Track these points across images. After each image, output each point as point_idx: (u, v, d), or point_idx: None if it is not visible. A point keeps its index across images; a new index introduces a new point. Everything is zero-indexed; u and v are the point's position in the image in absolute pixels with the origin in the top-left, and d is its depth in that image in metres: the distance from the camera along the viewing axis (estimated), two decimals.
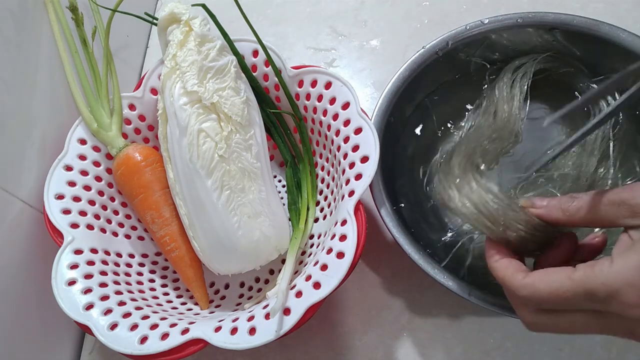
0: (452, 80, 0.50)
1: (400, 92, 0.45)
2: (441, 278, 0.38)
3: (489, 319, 0.45)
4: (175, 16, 0.42)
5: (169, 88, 0.41)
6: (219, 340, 0.35)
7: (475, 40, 0.46)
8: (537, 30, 0.45)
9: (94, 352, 0.48)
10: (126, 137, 0.47)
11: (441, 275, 0.38)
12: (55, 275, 0.39)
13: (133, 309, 0.39)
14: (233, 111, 0.40)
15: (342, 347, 0.46)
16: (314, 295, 0.34)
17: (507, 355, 0.43)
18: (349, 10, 0.64)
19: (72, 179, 0.44)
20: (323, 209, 0.45)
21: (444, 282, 0.38)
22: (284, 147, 0.49)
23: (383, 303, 0.47)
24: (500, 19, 0.45)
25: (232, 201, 0.40)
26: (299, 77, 0.44)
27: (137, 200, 0.44)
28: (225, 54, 0.42)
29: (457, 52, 0.47)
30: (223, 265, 0.42)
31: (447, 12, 0.61)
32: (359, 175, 0.39)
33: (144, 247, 0.48)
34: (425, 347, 0.44)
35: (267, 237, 0.41)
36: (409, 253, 0.39)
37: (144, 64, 0.65)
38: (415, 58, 0.46)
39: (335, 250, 0.36)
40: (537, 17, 0.44)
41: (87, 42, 0.47)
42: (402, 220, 0.42)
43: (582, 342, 0.43)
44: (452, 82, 0.50)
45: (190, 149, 0.39)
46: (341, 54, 0.61)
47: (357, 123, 0.40)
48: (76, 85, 0.46)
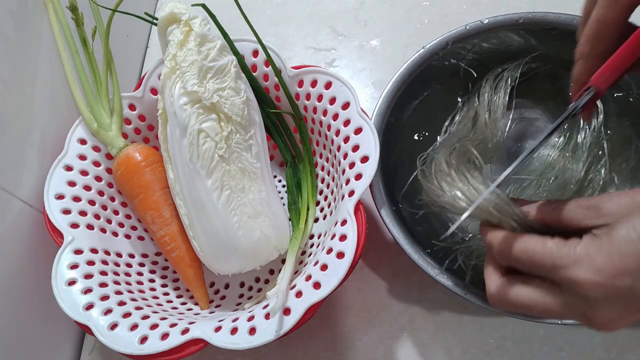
0: (450, 81, 0.50)
1: (400, 92, 0.45)
2: (441, 278, 0.38)
3: (489, 319, 0.45)
4: (175, 16, 0.42)
5: (169, 88, 0.41)
6: (219, 340, 0.35)
7: (476, 38, 0.46)
8: (538, 31, 0.45)
9: (94, 352, 0.48)
10: (126, 137, 0.47)
11: (441, 275, 0.39)
12: (55, 275, 0.39)
13: (133, 308, 0.39)
14: (233, 111, 0.40)
15: (342, 347, 0.46)
16: (314, 295, 0.35)
17: (507, 355, 0.43)
18: (349, 10, 0.64)
19: (72, 179, 0.44)
20: (323, 209, 0.45)
21: (443, 282, 0.38)
22: (284, 147, 0.49)
23: (383, 303, 0.47)
24: (500, 19, 0.45)
25: (232, 201, 0.40)
26: (299, 77, 0.44)
27: (137, 200, 0.44)
28: (225, 54, 0.42)
29: (457, 51, 0.47)
30: (223, 265, 0.42)
31: (447, 12, 0.61)
32: (359, 175, 0.39)
33: (144, 247, 0.48)
34: (425, 347, 0.44)
35: (267, 237, 0.41)
36: (409, 253, 0.39)
37: (144, 64, 0.65)
38: (414, 58, 0.46)
39: (335, 250, 0.36)
40: (537, 17, 0.44)
41: (87, 42, 0.47)
42: (402, 220, 0.42)
43: (582, 342, 0.43)
44: (451, 83, 0.50)
45: (190, 149, 0.39)
46: (341, 54, 0.61)
47: (357, 123, 0.40)
48: (76, 85, 0.46)
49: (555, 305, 0.27)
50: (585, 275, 0.25)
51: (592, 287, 0.24)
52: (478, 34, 0.45)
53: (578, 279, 0.25)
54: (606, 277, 0.24)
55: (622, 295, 0.24)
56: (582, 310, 0.26)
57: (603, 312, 0.25)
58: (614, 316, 0.25)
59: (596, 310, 0.25)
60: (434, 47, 0.46)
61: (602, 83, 0.30)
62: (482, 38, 0.46)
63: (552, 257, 0.26)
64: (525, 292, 0.28)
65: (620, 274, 0.24)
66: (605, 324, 0.25)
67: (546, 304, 0.27)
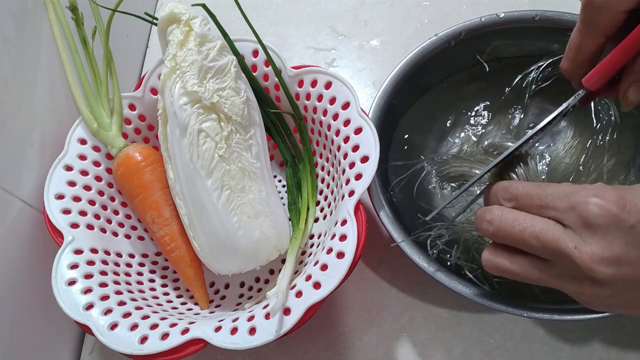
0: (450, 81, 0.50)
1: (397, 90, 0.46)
2: (441, 278, 0.38)
3: (489, 319, 0.45)
4: (175, 16, 0.42)
5: (169, 88, 0.41)
6: (219, 340, 0.35)
7: (492, 36, 0.46)
8: (554, 32, 0.44)
9: (94, 352, 0.48)
10: (126, 137, 0.47)
11: (441, 275, 0.39)
12: (55, 275, 0.39)
13: (133, 308, 0.39)
14: (233, 111, 0.40)
15: (342, 347, 0.46)
16: (314, 295, 0.34)
17: (507, 355, 0.43)
18: (349, 10, 0.64)
19: (72, 179, 0.44)
20: (323, 209, 0.45)
21: (443, 282, 0.38)
22: (284, 147, 0.49)
23: (383, 303, 0.47)
24: (517, 14, 0.44)
25: (232, 201, 0.40)
26: (299, 77, 0.44)
27: (137, 200, 0.44)
28: (225, 53, 0.42)
29: (456, 51, 0.47)
30: (223, 265, 0.42)
31: (447, 12, 0.61)
32: (359, 175, 0.39)
33: (144, 247, 0.48)
34: (425, 347, 0.44)
35: (267, 237, 0.41)
36: (408, 254, 0.39)
37: (144, 64, 0.65)
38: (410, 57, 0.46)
39: (335, 250, 0.36)
40: (554, 17, 0.43)
41: (87, 42, 0.47)
42: (402, 220, 0.42)
43: (582, 343, 0.43)
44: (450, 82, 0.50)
45: (190, 149, 0.39)
46: (341, 54, 0.61)
47: (357, 123, 0.40)
48: (76, 85, 0.46)
49: (545, 272, 0.28)
50: (595, 199, 0.25)
51: (599, 210, 0.25)
52: (492, 29, 0.45)
53: (589, 200, 0.25)
54: (615, 206, 0.25)
55: (623, 230, 0.25)
56: (573, 246, 0.26)
57: (596, 248, 0.25)
58: (604, 255, 0.25)
59: (589, 245, 0.25)
60: (447, 35, 0.45)
61: (592, 85, 0.31)
62: (498, 36, 0.45)
63: (564, 190, 0.27)
64: (519, 261, 0.29)
65: (628, 211, 0.25)
66: (593, 261, 0.25)
67: (539, 270, 0.29)
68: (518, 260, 0.29)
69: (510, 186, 0.30)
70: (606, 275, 0.25)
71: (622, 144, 0.44)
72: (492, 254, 0.31)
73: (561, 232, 0.27)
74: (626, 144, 0.44)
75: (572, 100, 0.32)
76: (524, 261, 0.29)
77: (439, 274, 0.38)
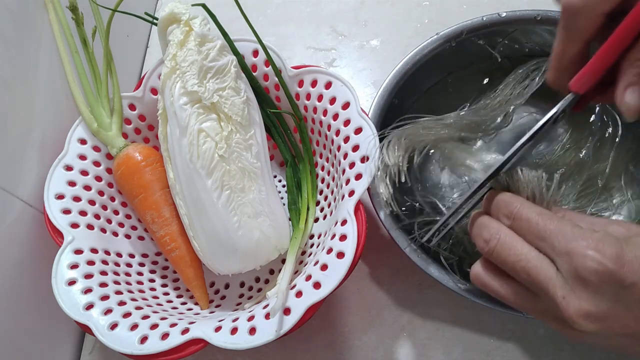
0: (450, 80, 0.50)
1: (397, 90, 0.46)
2: (441, 278, 0.38)
3: (489, 319, 0.45)
4: (175, 16, 0.42)
5: (169, 88, 0.41)
6: (219, 340, 0.35)
7: (497, 34, 0.46)
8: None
9: (94, 352, 0.48)
10: (126, 137, 0.47)
11: (441, 275, 0.38)
12: (56, 275, 0.39)
13: (133, 308, 0.39)
14: (233, 111, 0.40)
15: (342, 347, 0.46)
16: (314, 295, 0.34)
17: (507, 355, 0.43)
18: (349, 10, 0.64)
19: (72, 179, 0.44)
20: (323, 209, 0.45)
21: (443, 282, 0.38)
22: (284, 147, 0.49)
23: (383, 303, 0.47)
24: (518, 14, 0.44)
25: (232, 201, 0.40)
26: (299, 77, 0.44)
27: (137, 200, 0.44)
28: (225, 53, 0.42)
29: (457, 50, 0.47)
30: (223, 265, 0.42)
31: (447, 12, 0.61)
32: (359, 175, 0.39)
33: (144, 247, 0.48)
34: (425, 347, 0.44)
35: (267, 237, 0.41)
36: (408, 254, 0.39)
37: (144, 64, 0.65)
38: (410, 57, 0.46)
39: (335, 250, 0.36)
40: (556, 16, 0.43)
41: (87, 42, 0.47)
42: (402, 220, 0.42)
43: (583, 343, 0.43)
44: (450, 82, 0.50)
45: (190, 149, 0.39)
46: (341, 53, 0.61)
47: (357, 123, 0.40)
48: (76, 85, 0.46)
49: (528, 301, 0.28)
50: (593, 254, 0.24)
51: (595, 267, 0.24)
52: (493, 29, 0.45)
53: (587, 253, 0.24)
54: (613, 264, 0.24)
55: (615, 287, 0.24)
56: (560, 295, 0.25)
57: (584, 303, 0.25)
58: (591, 311, 0.24)
59: (578, 299, 0.25)
60: (448, 34, 0.45)
61: (580, 87, 0.31)
62: (499, 36, 0.46)
63: (564, 230, 0.26)
64: (506, 286, 0.29)
65: (625, 271, 0.24)
66: (578, 316, 0.25)
67: (524, 299, 0.28)
68: (507, 286, 0.29)
69: (513, 204, 0.29)
70: (591, 329, 0.25)
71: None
72: (483, 270, 0.31)
73: (552, 276, 0.26)
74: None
75: (562, 105, 0.31)
76: (513, 288, 0.29)
77: (439, 274, 0.38)
